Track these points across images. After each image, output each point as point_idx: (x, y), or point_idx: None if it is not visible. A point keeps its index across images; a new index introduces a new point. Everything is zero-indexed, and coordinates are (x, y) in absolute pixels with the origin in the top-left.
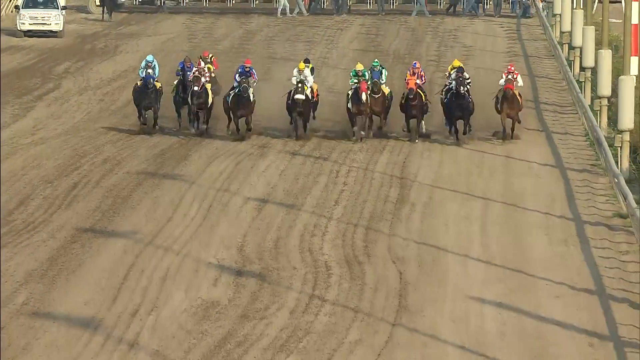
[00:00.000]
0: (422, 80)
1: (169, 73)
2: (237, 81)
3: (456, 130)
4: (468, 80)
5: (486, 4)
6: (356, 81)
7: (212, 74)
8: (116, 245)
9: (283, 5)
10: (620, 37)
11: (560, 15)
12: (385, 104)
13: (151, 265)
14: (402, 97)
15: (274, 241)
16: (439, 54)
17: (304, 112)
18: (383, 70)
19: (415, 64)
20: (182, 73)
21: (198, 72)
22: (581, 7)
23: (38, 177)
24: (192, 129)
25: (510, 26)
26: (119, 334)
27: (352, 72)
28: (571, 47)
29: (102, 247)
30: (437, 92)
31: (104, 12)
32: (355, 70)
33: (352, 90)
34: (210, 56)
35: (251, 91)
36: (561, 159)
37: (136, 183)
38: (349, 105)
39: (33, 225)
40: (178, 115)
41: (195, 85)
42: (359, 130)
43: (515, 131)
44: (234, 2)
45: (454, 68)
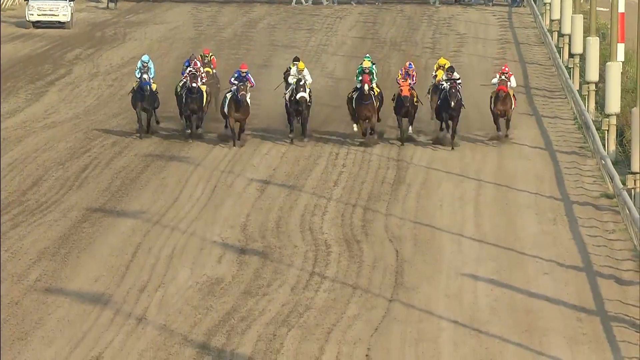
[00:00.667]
0: (412, 80)
1: (177, 59)
2: (233, 83)
3: (447, 127)
4: (459, 81)
5: None
6: (360, 79)
7: (212, 70)
8: (125, 224)
9: None
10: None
11: (550, 3)
12: (376, 105)
13: (158, 244)
14: (393, 97)
15: (275, 221)
16: (434, 41)
17: (304, 113)
18: (373, 67)
19: (410, 65)
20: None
21: (195, 71)
22: None
23: (50, 159)
24: (187, 131)
25: (502, 14)
26: (128, 309)
27: (358, 69)
28: (560, 35)
29: (111, 226)
30: (426, 94)
31: (110, 0)
32: (361, 67)
33: (356, 91)
34: (210, 55)
35: (248, 97)
36: (551, 142)
37: (144, 165)
38: (353, 106)
39: (45, 205)
40: (181, 115)
41: (193, 82)
42: (366, 130)
43: (508, 129)
44: None
45: (440, 66)
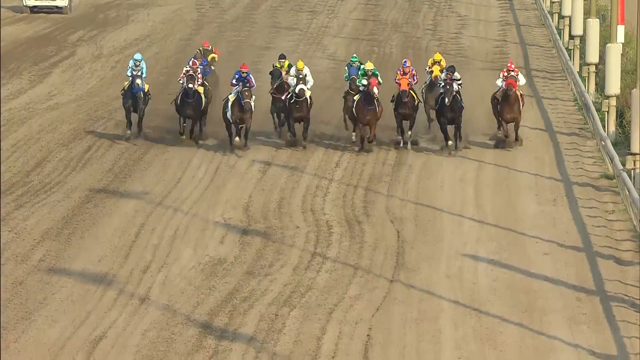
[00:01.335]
0: (414, 79)
1: (179, 41)
2: (234, 85)
3: (447, 137)
4: (459, 82)
5: None
6: (365, 82)
7: (212, 65)
8: (128, 205)
9: None
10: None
11: None
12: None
13: (161, 224)
14: (392, 98)
15: (277, 202)
16: (435, 23)
17: (304, 114)
18: (362, 66)
19: (405, 62)
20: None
21: (192, 71)
22: None
23: (54, 141)
24: (183, 136)
25: None
26: (131, 289)
27: (360, 72)
28: (561, 16)
29: (114, 207)
30: (420, 91)
31: None
32: (364, 69)
33: (360, 94)
34: (210, 47)
35: (252, 101)
36: (551, 123)
37: (147, 146)
38: (354, 111)
39: (49, 186)
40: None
41: (190, 84)
42: (363, 139)
43: (517, 132)
44: None
45: (435, 62)
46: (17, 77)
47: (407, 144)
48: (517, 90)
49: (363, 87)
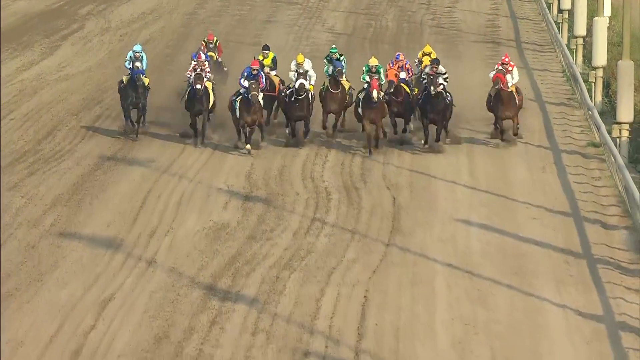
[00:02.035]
0: (408, 73)
1: (184, 15)
2: (243, 86)
3: (427, 134)
4: (445, 76)
5: None
6: (368, 79)
7: (219, 58)
8: (135, 172)
9: None
10: None
11: None
12: (345, 100)
13: (167, 191)
14: (383, 94)
15: (278, 169)
16: None
17: (305, 113)
18: (342, 58)
19: (398, 55)
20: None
21: (200, 69)
22: None
23: (64, 110)
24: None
25: None
26: (138, 252)
27: (364, 67)
28: None
29: (122, 174)
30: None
31: None
32: (368, 65)
33: (363, 91)
34: (215, 40)
35: (260, 97)
36: (540, 94)
37: (154, 116)
38: (359, 110)
39: (60, 154)
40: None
41: (198, 84)
42: (372, 140)
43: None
44: None
45: (425, 54)
46: (29, 49)
47: (405, 137)
48: (506, 85)
49: (367, 83)
